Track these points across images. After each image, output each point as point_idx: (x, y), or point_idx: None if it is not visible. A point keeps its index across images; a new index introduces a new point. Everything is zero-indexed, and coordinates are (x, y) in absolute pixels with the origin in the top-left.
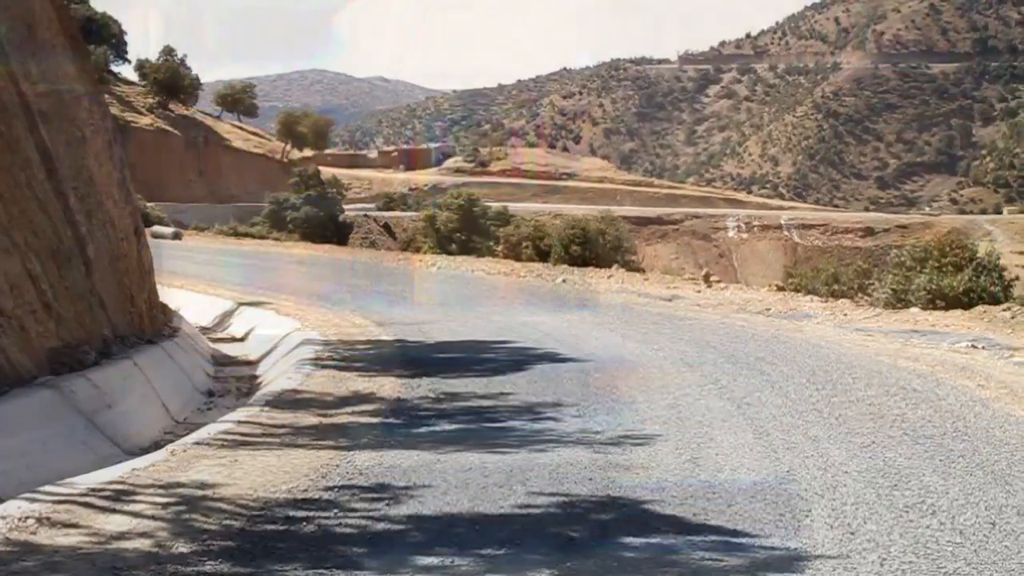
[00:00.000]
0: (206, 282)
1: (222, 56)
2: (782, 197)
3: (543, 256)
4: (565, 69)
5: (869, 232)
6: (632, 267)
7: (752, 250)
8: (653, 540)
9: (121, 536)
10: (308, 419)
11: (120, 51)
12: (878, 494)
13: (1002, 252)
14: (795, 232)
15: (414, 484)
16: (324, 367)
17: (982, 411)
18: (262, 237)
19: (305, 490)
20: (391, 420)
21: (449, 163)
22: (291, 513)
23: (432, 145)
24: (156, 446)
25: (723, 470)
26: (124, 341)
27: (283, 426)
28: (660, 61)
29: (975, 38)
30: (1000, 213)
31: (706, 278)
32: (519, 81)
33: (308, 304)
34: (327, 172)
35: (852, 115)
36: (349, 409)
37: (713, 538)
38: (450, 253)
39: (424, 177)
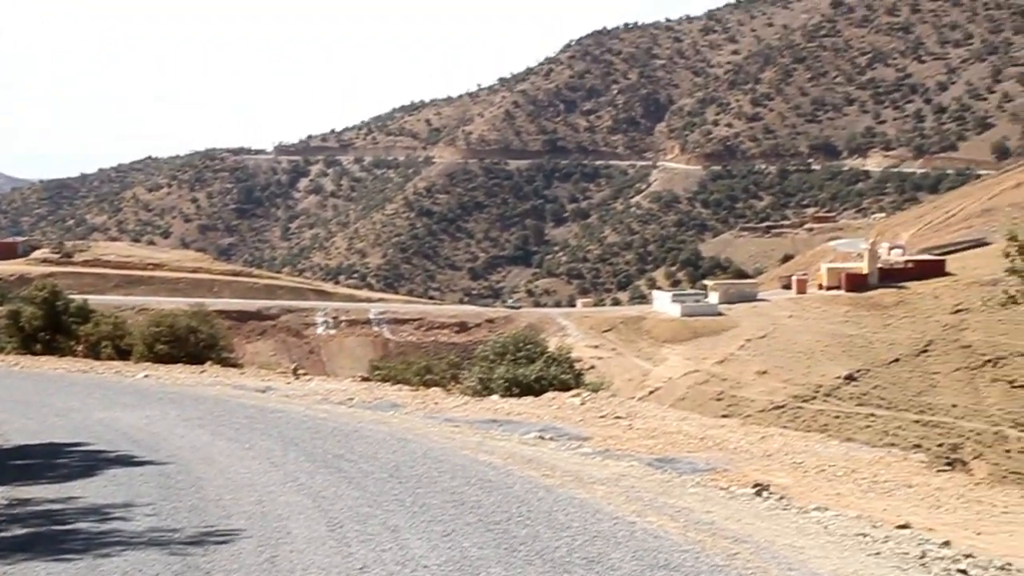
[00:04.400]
0: None
1: None
2: (371, 288)
3: (124, 356)
4: (151, 157)
5: (463, 327)
6: (229, 363)
7: (341, 346)
8: None
9: None
10: None
11: None
12: None
13: (575, 346)
14: (386, 327)
15: None
16: None
17: (545, 496)
18: None
19: None
20: None
21: (36, 254)
22: None
23: (19, 239)
24: None
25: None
26: None
27: None
28: (258, 151)
29: (545, 139)
30: (574, 306)
31: (295, 371)
32: (101, 171)
33: None
34: None
35: (445, 213)
36: None
37: None
38: (35, 353)
39: (10, 268)
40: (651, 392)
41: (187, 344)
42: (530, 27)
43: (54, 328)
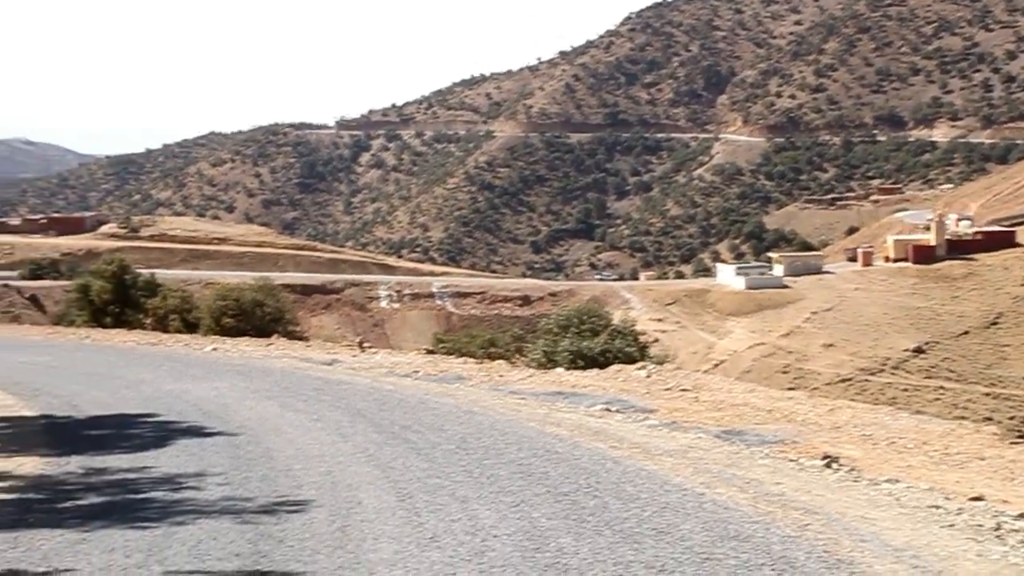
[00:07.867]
0: None
1: None
2: (434, 262)
3: (192, 329)
4: (214, 133)
5: (526, 301)
6: (295, 336)
7: (404, 319)
8: None
9: None
10: None
11: None
12: (523, 556)
13: (639, 319)
14: (449, 301)
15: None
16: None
17: (613, 467)
18: None
19: None
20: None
21: (104, 229)
22: None
23: (87, 214)
24: None
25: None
26: None
27: None
28: (320, 126)
29: (606, 112)
30: (637, 279)
31: (360, 344)
32: (166, 146)
33: None
34: None
35: (507, 187)
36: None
37: None
38: (104, 327)
39: (79, 242)
40: (716, 365)
41: (253, 317)
42: (590, 0)
43: (123, 302)
